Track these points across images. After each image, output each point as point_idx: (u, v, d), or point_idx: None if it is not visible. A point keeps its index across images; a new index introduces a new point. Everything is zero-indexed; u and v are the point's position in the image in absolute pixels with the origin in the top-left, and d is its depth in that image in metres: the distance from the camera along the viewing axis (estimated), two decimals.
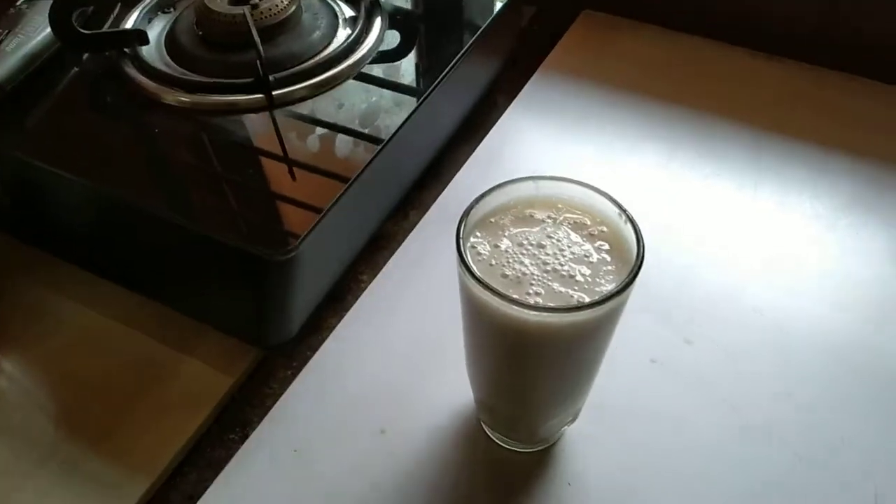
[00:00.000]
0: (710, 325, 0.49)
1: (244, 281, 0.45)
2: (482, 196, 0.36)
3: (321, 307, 0.52)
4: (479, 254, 0.35)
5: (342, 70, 0.53)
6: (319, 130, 0.51)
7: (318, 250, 0.45)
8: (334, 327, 0.50)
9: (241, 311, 0.47)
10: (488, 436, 0.44)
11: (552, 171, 0.38)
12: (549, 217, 0.36)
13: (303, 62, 0.53)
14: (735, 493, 0.42)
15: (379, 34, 0.57)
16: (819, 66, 0.67)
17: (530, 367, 0.36)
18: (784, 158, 0.60)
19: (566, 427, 0.43)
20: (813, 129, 0.62)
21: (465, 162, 0.61)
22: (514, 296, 0.32)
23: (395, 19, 0.58)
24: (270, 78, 0.51)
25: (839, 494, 0.42)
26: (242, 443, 0.45)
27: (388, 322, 0.50)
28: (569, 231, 0.36)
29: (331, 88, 0.53)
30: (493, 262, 0.35)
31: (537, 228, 0.36)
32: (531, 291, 0.33)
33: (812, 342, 0.48)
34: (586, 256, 0.35)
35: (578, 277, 0.34)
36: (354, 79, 0.54)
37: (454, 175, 0.60)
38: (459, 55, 0.55)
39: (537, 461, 0.43)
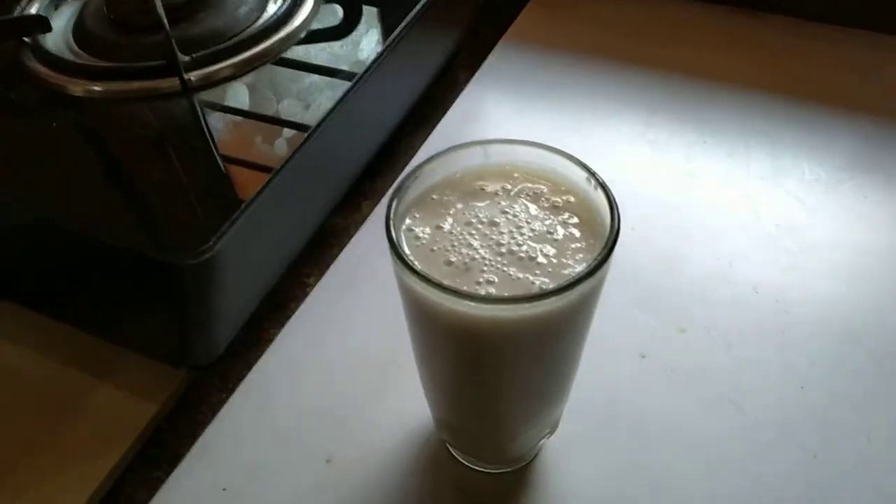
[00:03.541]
0: (705, 311, 0.42)
1: (157, 292, 0.38)
2: (419, 168, 0.29)
3: (260, 317, 0.44)
4: (417, 238, 0.28)
5: (269, 47, 0.46)
6: (243, 116, 0.43)
7: (244, 250, 0.38)
8: (273, 339, 0.43)
9: (159, 329, 0.40)
10: (454, 456, 0.37)
11: None
12: (502, 189, 0.29)
13: (226, 40, 0.46)
14: (746, 501, 0.35)
15: (313, 7, 0.49)
16: (805, 20, 0.60)
17: (490, 374, 0.28)
18: (774, 119, 0.53)
19: (544, 440, 0.36)
20: (804, 86, 0.55)
21: (421, 145, 0.54)
22: (462, 287, 0.25)
23: None
24: (185, 58, 0.43)
25: (868, 499, 0.35)
26: None
27: (334, 330, 0.43)
28: (527, 204, 0.29)
29: (257, 68, 0.45)
30: (435, 247, 0.27)
31: (488, 202, 0.29)
32: (482, 280, 0.26)
33: (819, 322, 0.41)
34: (549, 233, 0.27)
35: (541, 259, 0.27)
36: (284, 57, 0.46)
37: (409, 160, 0.53)
38: (400, 29, 0.48)
39: (513, 482, 0.36)
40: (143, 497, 0.38)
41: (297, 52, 0.47)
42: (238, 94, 0.44)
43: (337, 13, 0.50)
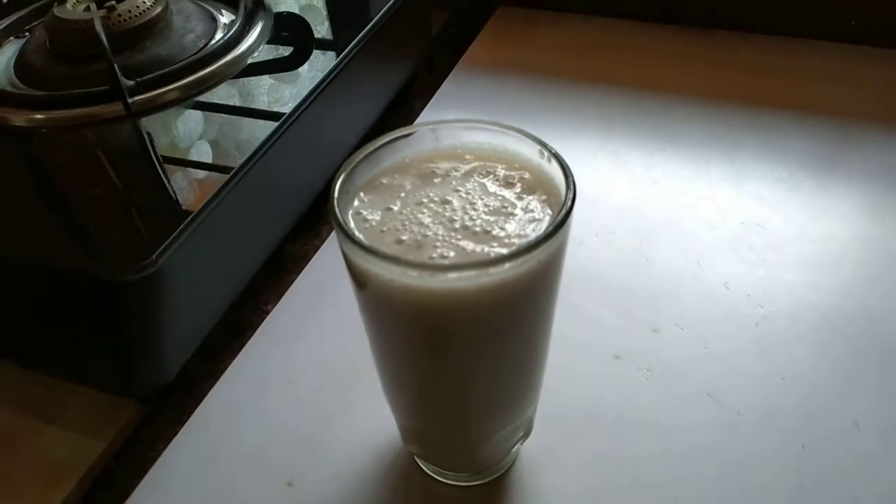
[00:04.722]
0: (677, 309, 0.41)
1: (100, 316, 0.35)
2: (367, 152, 0.27)
3: (216, 348, 0.42)
4: (366, 220, 0.26)
5: (213, 71, 0.45)
6: (189, 138, 0.42)
7: (191, 269, 0.36)
8: (226, 370, 0.40)
9: (103, 356, 0.37)
10: (424, 471, 0.34)
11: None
12: (454, 169, 0.28)
13: (170, 66, 0.45)
14: (734, 500, 0.32)
15: (259, 35, 0.49)
16: (753, 33, 0.61)
17: (448, 360, 0.26)
18: (731, 125, 0.52)
19: (518, 446, 0.33)
20: (756, 93, 0.55)
21: None
22: (410, 257, 0.23)
23: (283, 22, 0.51)
24: (129, 82, 0.42)
25: (863, 485, 0.33)
26: None
27: (294, 352, 0.40)
28: (481, 182, 0.27)
29: (203, 91, 0.44)
30: (385, 227, 0.26)
31: (440, 181, 0.27)
32: (435, 255, 0.24)
33: (794, 313, 0.40)
34: (505, 208, 0.26)
35: (497, 232, 0.25)
36: (233, 79, 0.45)
37: None
38: (348, 51, 0.47)
39: (488, 496, 0.33)
40: None
41: (243, 80, 0.45)
42: (186, 119, 0.43)
43: (284, 42, 0.49)
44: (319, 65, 0.47)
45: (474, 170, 0.27)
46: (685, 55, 0.60)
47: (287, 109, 0.42)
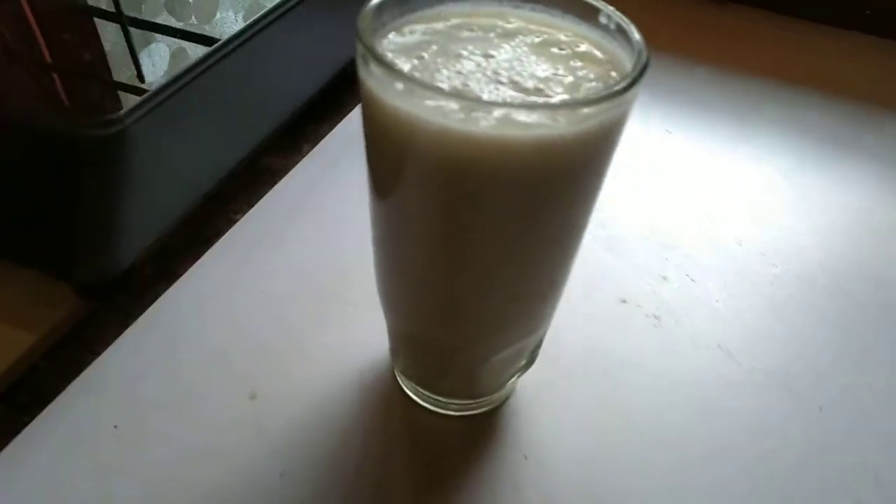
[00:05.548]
0: (687, 260, 0.37)
1: (53, 179, 0.30)
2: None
3: (176, 250, 0.37)
4: (394, 64, 0.22)
5: None
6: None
7: (159, 143, 0.31)
8: (186, 272, 0.35)
9: (46, 231, 0.32)
10: (410, 397, 0.30)
11: None
12: (496, 27, 0.24)
13: None
14: (738, 457, 0.29)
15: None
16: (766, 10, 0.59)
17: (475, 240, 0.22)
18: (743, 96, 0.50)
19: (517, 378, 0.29)
20: (772, 68, 0.52)
21: None
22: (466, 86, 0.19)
23: None
24: None
25: (876, 447, 0.30)
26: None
27: (262, 260, 0.35)
28: (529, 41, 0.23)
29: None
30: (418, 74, 0.21)
31: (479, 36, 0.23)
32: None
33: (805, 274, 0.37)
34: (558, 69, 0.22)
35: (552, 91, 0.21)
36: None
37: (359, 103, 0.47)
38: None
39: (481, 427, 0.29)
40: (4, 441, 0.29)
41: None
42: None
43: None
44: None
45: (519, 30, 0.23)
46: (700, 26, 0.57)
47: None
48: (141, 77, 0.33)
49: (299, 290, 0.34)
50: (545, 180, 0.20)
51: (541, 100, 0.20)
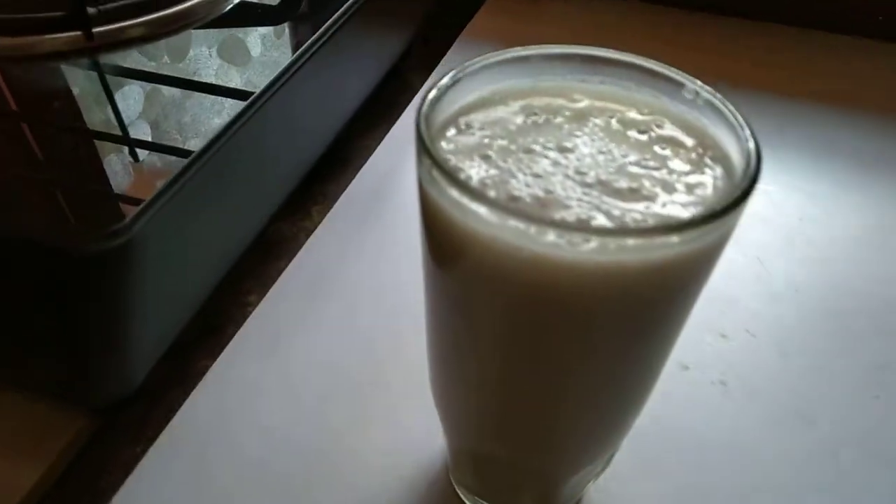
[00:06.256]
0: (744, 313, 0.34)
1: (54, 300, 0.26)
2: (445, 85, 0.19)
3: (188, 346, 0.33)
4: (459, 170, 0.18)
5: (189, 8, 0.36)
6: (161, 87, 0.33)
7: (168, 243, 0.27)
8: (206, 373, 0.32)
9: (50, 353, 0.28)
10: None
11: None
12: (563, 110, 0.20)
13: None
14: None
15: None
16: (762, 21, 0.56)
17: (561, 361, 0.19)
18: (768, 116, 0.47)
19: (591, 483, 0.26)
20: (762, 82, 0.50)
21: (376, 147, 0.45)
22: (552, 215, 0.16)
23: None
24: (90, 9, 0.33)
25: None
26: None
27: (285, 353, 0.32)
28: (605, 126, 0.20)
29: (173, 32, 0.35)
30: (488, 180, 0.18)
31: (545, 124, 0.20)
32: (569, 219, 0.17)
33: (878, 321, 0.34)
34: (647, 160, 0.19)
35: (649, 191, 0.18)
36: (212, 22, 0.37)
37: (363, 163, 0.44)
38: (339, 15, 0.39)
39: None
40: None
41: (191, 56, 0.37)
42: (156, 60, 0.34)
43: None
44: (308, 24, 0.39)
45: (589, 111, 0.20)
46: (697, 40, 0.54)
47: (259, 87, 0.34)
48: (121, 121, 0.29)
49: (332, 386, 0.30)
50: (652, 301, 0.17)
51: (655, 220, 0.17)
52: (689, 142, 0.19)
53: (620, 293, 0.16)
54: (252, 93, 0.32)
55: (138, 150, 0.29)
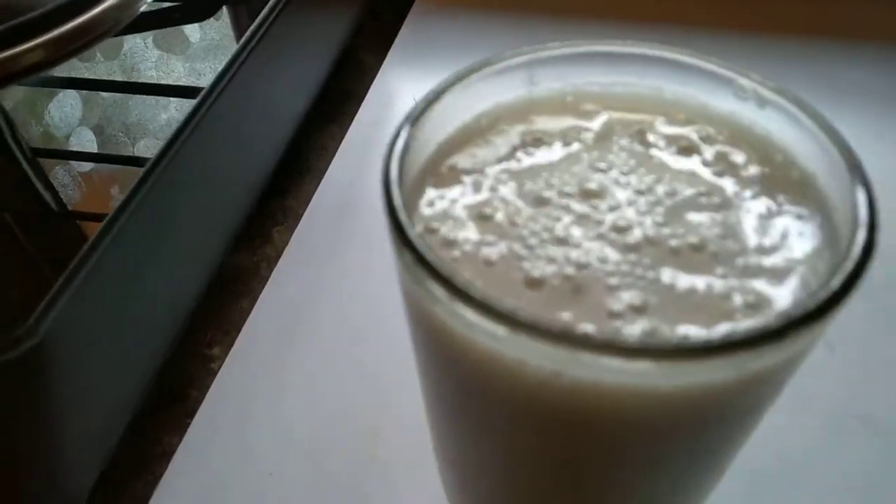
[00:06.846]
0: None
1: None
2: (414, 118, 0.14)
3: (146, 421, 0.28)
4: (450, 243, 0.13)
5: (93, 18, 0.30)
6: (66, 125, 0.27)
7: (95, 329, 0.22)
8: (173, 454, 0.27)
9: None
10: None
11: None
12: (575, 132, 0.15)
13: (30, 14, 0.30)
14: None
15: None
16: None
17: (603, 485, 0.14)
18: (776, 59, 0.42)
19: None
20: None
21: (338, 147, 0.39)
22: (596, 302, 0.11)
23: None
24: None
25: None
26: None
27: (261, 424, 0.27)
28: (636, 149, 0.15)
29: (78, 50, 0.29)
30: (494, 256, 0.13)
31: (557, 153, 0.15)
32: (619, 308, 0.12)
33: None
34: (706, 195, 0.14)
35: (717, 247, 0.13)
36: (126, 29, 0.31)
37: (326, 168, 0.38)
38: (269, 13, 0.32)
39: None
40: None
41: (126, 53, 0.31)
42: (62, 102, 0.28)
43: None
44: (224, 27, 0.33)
45: (610, 129, 0.15)
46: None
47: (204, 83, 0.28)
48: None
49: (315, 464, 0.25)
50: (727, 417, 0.12)
51: (739, 295, 0.12)
52: (754, 159, 0.14)
53: (658, 418, 0.11)
54: (200, 89, 0.26)
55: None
